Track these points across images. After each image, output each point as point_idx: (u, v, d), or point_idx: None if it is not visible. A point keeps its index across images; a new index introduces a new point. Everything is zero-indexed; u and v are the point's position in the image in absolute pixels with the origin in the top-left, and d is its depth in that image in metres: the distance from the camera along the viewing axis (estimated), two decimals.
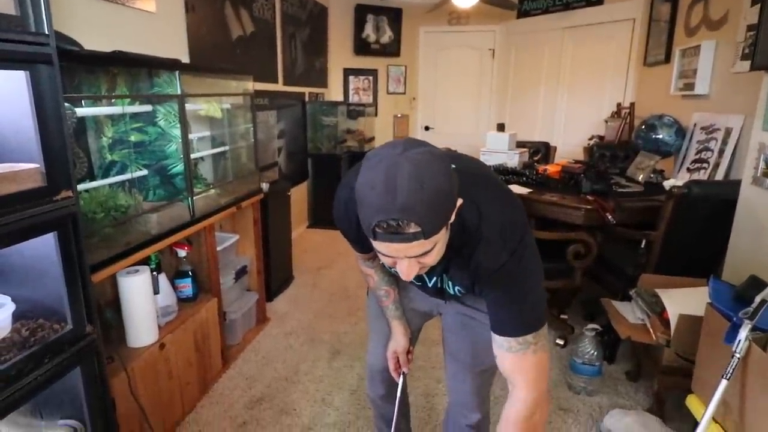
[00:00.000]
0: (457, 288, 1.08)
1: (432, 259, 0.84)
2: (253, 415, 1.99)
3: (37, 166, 0.98)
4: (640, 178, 2.80)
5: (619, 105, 4.00)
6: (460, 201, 0.83)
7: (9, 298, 1.05)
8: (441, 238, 0.82)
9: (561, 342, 2.53)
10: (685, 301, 1.82)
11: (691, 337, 1.65)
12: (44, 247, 1.04)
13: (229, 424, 1.93)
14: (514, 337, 0.98)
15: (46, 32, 0.97)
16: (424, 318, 1.41)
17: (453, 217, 0.84)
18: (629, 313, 2.06)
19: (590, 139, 4.03)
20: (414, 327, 1.40)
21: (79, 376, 1.15)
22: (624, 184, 2.72)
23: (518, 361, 1.00)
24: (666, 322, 1.83)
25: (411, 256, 0.81)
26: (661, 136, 2.92)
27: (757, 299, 1.31)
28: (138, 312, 1.69)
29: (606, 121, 3.99)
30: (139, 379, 1.65)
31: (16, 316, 1.06)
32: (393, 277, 1.31)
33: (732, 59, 2.50)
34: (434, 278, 1.11)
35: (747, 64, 2.15)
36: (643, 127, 3.03)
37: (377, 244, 0.80)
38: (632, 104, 3.69)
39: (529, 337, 0.98)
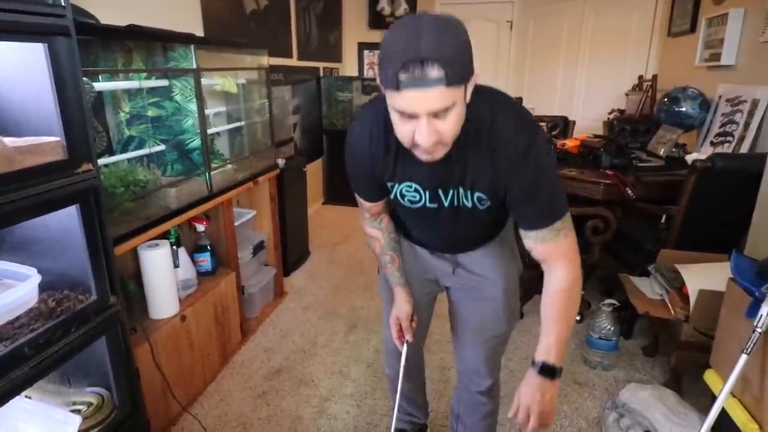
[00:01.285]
0: (477, 196, 1.04)
1: (449, 125, 0.86)
2: (273, 386, 2.04)
3: (59, 139, 0.99)
4: (662, 152, 2.73)
5: (640, 77, 3.89)
6: (476, 75, 0.86)
7: (35, 270, 1.08)
8: (459, 100, 0.84)
9: (577, 317, 2.53)
10: (705, 276, 1.79)
11: (711, 312, 1.63)
12: (68, 219, 1.06)
13: (249, 394, 1.98)
14: (544, 228, 1.01)
15: (63, 3, 0.97)
16: (432, 287, 1.40)
17: (469, 96, 0.87)
18: (647, 288, 2.04)
19: (610, 113, 3.94)
20: (426, 300, 1.41)
21: (105, 345, 1.18)
22: (645, 158, 2.66)
23: (553, 248, 1.03)
24: (685, 298, 1.81)
25: (431, 112, 0.82)
26: (684, 109, 2.84)
27: None
28: (159, 285, 1.73)
29: (627, 95, 3.89)
30: (161, 350, 1.69)
31: (42, 287, 1.08)
32: (398, 243, 1.31)
33: (761, 28, 2.41)
34: (450, 192, 1.06)
35: None
36: (666, 99, 2.95)
37: (400, 99, 0.82)
38: (654, 76, 3.58)
39: (557, 224, 1.01)
